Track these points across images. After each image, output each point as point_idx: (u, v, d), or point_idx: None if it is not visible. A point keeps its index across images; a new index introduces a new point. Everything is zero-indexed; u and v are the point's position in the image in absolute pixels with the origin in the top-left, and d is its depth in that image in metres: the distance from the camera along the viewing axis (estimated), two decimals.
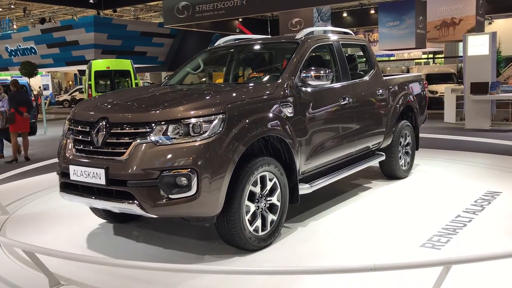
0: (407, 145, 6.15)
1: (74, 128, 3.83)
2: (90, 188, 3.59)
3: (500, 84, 11.54)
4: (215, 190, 3.35)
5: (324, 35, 5.21)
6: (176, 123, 3.37)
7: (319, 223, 4.43)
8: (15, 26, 26.38)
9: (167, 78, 5.36)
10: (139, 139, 3.39)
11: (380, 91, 5.50)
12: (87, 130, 3.67)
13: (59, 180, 3.90)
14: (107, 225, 4.60)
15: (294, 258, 3.66)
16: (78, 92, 29.74)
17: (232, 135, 3.46)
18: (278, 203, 3.91)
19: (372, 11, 23.55)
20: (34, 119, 12.14)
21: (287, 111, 4.02)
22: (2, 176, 5.80)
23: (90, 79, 15.82)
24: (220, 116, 3.45)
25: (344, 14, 24.77)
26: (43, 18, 24.02)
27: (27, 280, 3.42)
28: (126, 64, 16.49)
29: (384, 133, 5.57)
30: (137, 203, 3.34)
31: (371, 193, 5.45)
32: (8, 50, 30.35)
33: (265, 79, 4.80)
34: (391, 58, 28.90)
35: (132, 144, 3.40)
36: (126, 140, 3.45)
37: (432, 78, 16.34)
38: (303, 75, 4.25)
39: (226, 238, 3.69)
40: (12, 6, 23.15)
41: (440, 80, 16.80)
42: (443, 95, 13.74)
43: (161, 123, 3.38)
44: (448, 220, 4.32)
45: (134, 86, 15.84)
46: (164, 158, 3.31)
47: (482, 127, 11.26)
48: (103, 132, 3.53)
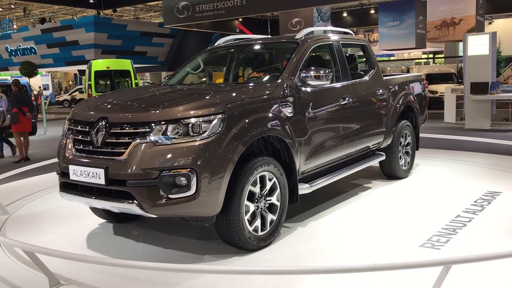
0: (407, 145, 6.14)
1: (74, 128, 3.84)
2: (89, 188, 3.59)
3: (500, 84, 11.54)
4: (214, 190, 3.35)
5: (324, 35, 5.21)
6: (176, 123, 3.37)
7: (318, 223, 4.43)
8: (15, 26, 26.38)
9: (167, 78, 5.36)
10: (139, 139, 3.39)
11: (380, 91, 5.50)
12: (87, 130, 3.67)
13: (59, 180, 3.91)
14: (107, 225, 4.61)
15: (294, 258, 3.66)
16: (78, 92, 29.75)
17: (231, 135, 3.45)
18: (277, 203, 3.91)
19: (372, 11, 23.55)
20: (34, 119, 12.14)
21: (287, 111, 4.02)
22: (2, 176, 5.80)
23: (90, 79, 15.82)
24: (219, 116, 3.45)
25: (344, 14, 24.77)
26: (43, 18, 24.01)
27: (27, 280, 3.43)
28: (126, 64, 16.49)
29: (384, 133, 5.57)
30: (136, 203, 3.34)
31: (371, 193, 5.44)
32: (8, 50, 30.36)
33: (264, 79, 4.80)
34: (391, 58, 28.91)
35: (132, 144, 3.40)
36: (125, 140, 3.45)
37: (432, 78, 16.33)
38: (303, 75, 4.25)
39: (226, 238, 3.69)
40: (12, 6, 23.15)
41: (440, 80, 16.80)
42: (443, 95, 13.73)
43: (160, 123, 3.38)
44: (448, 220, 4.32)
45: (134, 86, 15.83)
46: (164, 158, 3.31)
47: (482, 127, 11.26)
48: (103, 132, 3.53)
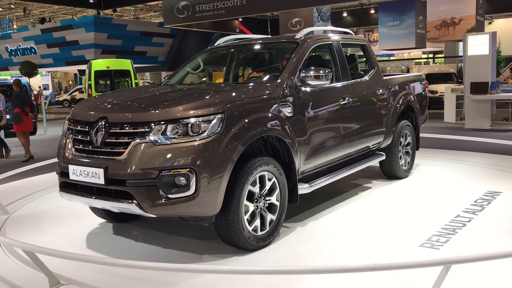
0: (407, 145, 6.14)
1: (74, 128, 3.84)
2: (89, 187, 3.59)
3: (500, 84, 11.54)
4: (213, 190, 3.35)
5: (323, 35, 5.21)
6: (175, 123, 3.37)
7: (318, 223, 4.42)
8: (15, 26, 26.37)
9: (167, 78, 5.36)
10: (138, 138, 3.39)
11: (380, 91, 5.50)
12: (87, 129, 3.67)
13: (59, 180, 3.91)
14: (106, 224, 4.61)
15: (294, 258, 3.66)
16: (78, 92, 29.76)
17: (231, 135, 3.45)
18: (277, 203, 3.91)
19: (372, 11, 23.55)
20: (34, 119, 12.15)
21: (287, 111, 4.02)
22: (2, 176, 5.80)
23: (90, 79, 15.82)
24: (218, 115, 3.44)
25: (344, 14, 24.77)
26: (43, 18, 24.01)
27: (27, 279, 3.42)
28: (126, 64, 16.49)
29: (384, 133, 5.56)
30: (136, 202, 3.34)
31: (371, 193, 5.44)
32: (8, 50, 30.36)
33: (264, 79, 4.79)
34: (391, 58, 28.91)
35: (131, 144, 3.40)
36: (125, 140, 3.45)
37: (432, 78, 16.32)
38: (303, 75, 4.24)
39: (225, 237, 3.69)
40: (12, 6, 23.14)
41: (440, 80, 16.79)
42: (443, 95, 13.73)
43: (160, 122, 3.38)
44: (447, 220, 4.32)
45: (134, 86, 15.84)
46: (163, 157, 3.31)
47: (482, 127, 11.25)
48: (102, 132, 3.53)
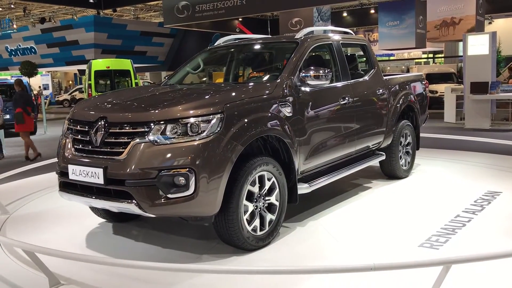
0: (407, 144, 6.14)
1: (73, 128, 3.84)
2: (89, 187, 3.59)
3: (500, 83, 11.53)
4: (213, 190, 3.35)
5: (323, 35, 5.21)
6: (174, 123, 3.37)
7: (318, 222, 4.42)
8: (15, 26, 26.36)
9: (167, 77, 5.36)
10: (138, 138, 3.39)
11: (380, 91, 5.49)
12: (86, 129, 3.67)
13: (58, 180, 3.91)
14: (106, 224, 4.61)
15: (293, 257, 3.66)
16: (78, 91, 29.76)
17: (230, 135, 3.45)
18: (276, 203, 3.91)
19: (372, 11, 23.54)
20: (34, 119, 12.15)
21: (286, 111, 4.02)
22: (2, 176, 5.80)
23: (90, 79, 15.82)
24: (218, 115, 3.44)
25: (344, 14, 24.76)
26: (43, 18, 24.00)
27: (27, 279, 3.42)
28: (126, 63, 16.49)
29: (384, 132, 5.56)
30: (135, 202, 3.34)
31: (371, 193, 5.44)
32: (8, 50, 30.36)
33: (264, 79, 4.79)
34: (391, 58, 28.90)
35: (131, 144, 3.39)
36: (124, 140, 3.45)
37: (432, 78, 16.33)
38: (302, 74, 4.24)
39: (224, 237, 3.68)
40: (12, 6, 23.12)
41: (440, 79, 16.79)
42: (443, 95, 13.73)
43: (159, 122, 3.38)
44: (447, 220, 4.31)
45: (133, 86, 15.84)
46: (162, 157, 3.31)
47: (482, 126, 11.25)
48: (102, 132, 3.53)
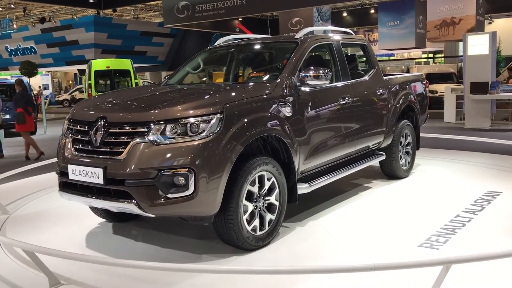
0: (407, 144, 6.14)
1: (73, 128, 3.84)
2: (88, 187, 3.60)
3: (500, 83, 11.53)
4: (212, 190, 3.35)
5: (323, 35, 5.20)
6: (174, 123, 3.37)
7: (317, 222, 4.42)
8: (15, 26, 26.35)
9: (166, 77, 5.36)
10: (137, 138, 3.39)
11: (380, 91, 5.49)
12: (86, 129, 3.67)
13: (58, 180, 3.91)
14: (106, 224, 4.61)
15: (293, 257, 3.66)
16: (78, 91, 29.76)
17: (229, 135, 3.45)
18: (276, 203, 3.91)
19: (372, 11, 23.54)
20: (34, 119, 12.14)
21: (286, 111, 4.02)
22: (2, 176, 5.80)
23: (90, 79, 15.82)
24: (217, 115, 3.44)
25: (344, 14, 24.76)
26: (43, 18, 24.00)
27: (27, 279, 3.42)
28: (126, 63, 16.48)
29: (384, 132, 5.56)
30: (135, 202, 3.34)
31: (371, 193, 5.44)
32: (8, 50, 30.36)
33: (264, 79, 4.79)
34: (391, 58, 28.90)
35: (130, 144, 3.39)
36: (124, 140, 3.45)
37: (432, 78, 16.32)
38: (302, 74, 4.24)
39: (224, 237, 3.69)
40: (12, 6, 23.12)
41: (440, 79, 16.78)
42: (443, 95, 13.73)
43: (159, 122, 3.38)
44: (447, 220, 4.31)
45: (133, 86, 15.83)
46: (162, 157, 3.31)
47: (482, 126, 11.25)
48: (102, 132, 3.53)
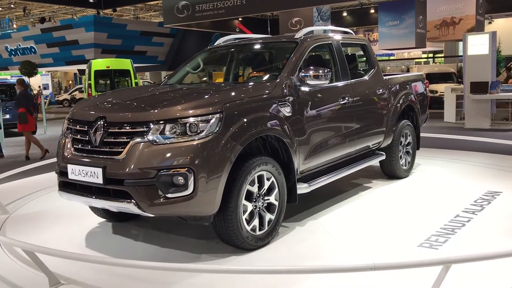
0: (407, 144, 6.13)
1: (73, 128, 3.84)
2: (88, 187, 3.60)
3: (499, 83, 11.52)
4: (211, 190, 3.35)
5: (323, 35, 5.19)
6: (173, 123, 3.37)
7: (317, 222, 4.42)
8: (15, 26, 26.35)
9: (166, 77, 5.36)
10: (137, 138, 3.39)
11: (380, 91, 5.49)
12: (85, 129, 3.68)
13: (58, 179, 3.91)
14: (106, 224, 4.61)
15: (292, 257, 3.66)
16: (78, 91, 29.76)
17: (229, 135, 3.45)
18: (276, 203, 3.90)
19: (372, 11, 23.52)
20: (35, 118, 12.13)
21: (286, 111, 4.01)
22: (2, 176, 5.80)
23: (90, 79, 15.83)
24: (217, 115, 3.44)
25: (344, 14, 24.75)
26: (43, 18, 24.00)
27: (27, 279, 3.42)
28: (126, 63, 16.49)
29: (384, 132, 5.56)
30: (134, 202, 3.34)
31: (370, 192, 5.44)
32: (8, 50, 30.37)
33: (263, 79, 4.79)
34: (391, 58, 28.89)
35: (130, 144, 3.39)
36: (123, 139, 3.45)
37: (432, 78, 16.30)
38: (302, 74, 4.24)
39: (224, 237, 3.68)
40: (12, 6, 23.12)
41: (440, 79, 16.77)
42: (443, 95, 13.72)
43: (158, 122, 3.38)
44: (447, 220, 4.31)
45: (133, 86, 15.83)
46: (161, 157, 3.31)
47: (482, 126, 11.24)
48: (101, 131, 3.53)
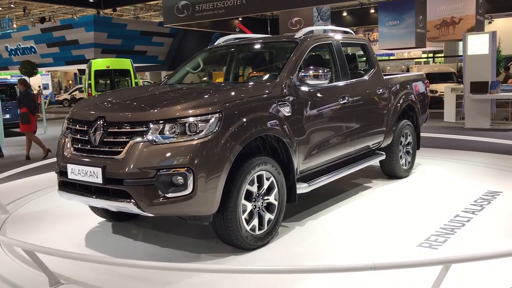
0: (408, 144, 6.13)
1: (73, 127, 3.84)
2: (88, 186, 3.60)
3: (499, 83, 11.53)
4: (211, 189, 3.35)
5: (323, 34, 5.19)
6: (173, 122, 3.37)
7: (317, 222, 4.42)
8: (15, 25, 26.33)
9: (166, 77, 5.36)
10: (136, 138, 3.39)
11: (380, 90, 5.49)
12: (85, 129, 3.68)
13: (58, 179, 3.91)
14: (106, 223, 4.61)
15: (292, 257, 3.66)
16: (78, 91, 29.76)
17: (228, 134, 3.45)
18: (275, 202, 3.90)
19: (372, 11, 23.53)
20: (37, 118, 12.14)
21: (285, 110, 4.01)
22: (2, 176, 5.80)
23: (90, 78, 15.82)
24: (216, 115, 3.44)
25: (344, 14, 24.75)
26: (43, 17, 24.00)
27: (27, 279, 3.43)
28: (126, 63, 16.48)
29: (384, 132, 5.56)
30: (133, 201, 3.35)
31: (370, 192, 5.44)
32: (8, 49, 30.37)
33: (263, 79, 4.78)
34: (391, 58, 28.89)
35: (129, 143, 3.40)
36: (123, 139, 3.45)
37: (432, 78, 16.28)
38: (302, 74, 4.24)
39: (223, 237, 3.68)
40: (12, 6, 23.13)
41: (440, 79, 16.76)
42: (443, 95, 13.72)
43: (157, 122, 3.38)
44: (446, 220, 4.31)
45: (133, 86, 15.83)
46: (161, 157, 3.31)
47: (482, 126, 11.24)
48: (101, 131, 3.54)
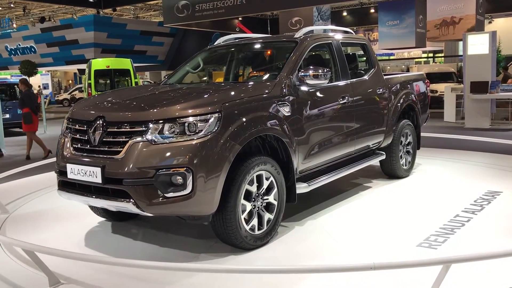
0: (408, 144, 6.13)
1: (72, 127, 3.85)
2: (87, 186, 3.60)
3: (499, 83, 11.53)
4: (210, 189, 3.35)
5: (323, 34, 5.18)
6: (172, 122, 3.37)
7: (317, 222, 4.42)
8: (14, 25, 26.30)
9: (166, 77, 5.36)
10: (135, 137, 3.39)
11: (380, 90, 5.49)
12: (85, 128, 3.68)
13: (57, 179, 3.92)
14: (105, 223, 4.61)
15: (292, 257, 3.66)
16: (77, 91, 29.77)
17: (228, 134, 3.45)
18: (275, 202, 3.90)
19: (372, 10, 23.52)
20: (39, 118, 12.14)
21: (285, 110, 4.01)
22: (2, 175, 5.81)
23: (90, 78, 15.81)
24: (215, 115, 3.44)
25: (344, 13, 24.75)
26: (43, 17, 23.99)
27: (27, 279, 3.43)
28: (125, 63, 16.48)
29: (384, 132, 5.55)
30: (133, 201, 3.35)
31: (370, 192, 5.44)
32: (8, 49, 30.37)
33: (263, 78, 4.78)
34: (391, 57, 28.88)
35: (128, 143, 3.40)
36: (122, 139, 3.45)
37: (432, 77, 16.26)
38: (301, 74, 4.24)
39: (222, 237, 3.68)
40: (12, 5, 23.13)
41: (440, 79, 16.76)
42: (443, 94, 13.72)
43: (157, 122, 3.38)
44: (446, 220, 4.31)
45: (133, 85, 15.82)
46: (160, 157, 3.31)
47: (482, 126, 11.24)
48: (100, 131, 3.54)
